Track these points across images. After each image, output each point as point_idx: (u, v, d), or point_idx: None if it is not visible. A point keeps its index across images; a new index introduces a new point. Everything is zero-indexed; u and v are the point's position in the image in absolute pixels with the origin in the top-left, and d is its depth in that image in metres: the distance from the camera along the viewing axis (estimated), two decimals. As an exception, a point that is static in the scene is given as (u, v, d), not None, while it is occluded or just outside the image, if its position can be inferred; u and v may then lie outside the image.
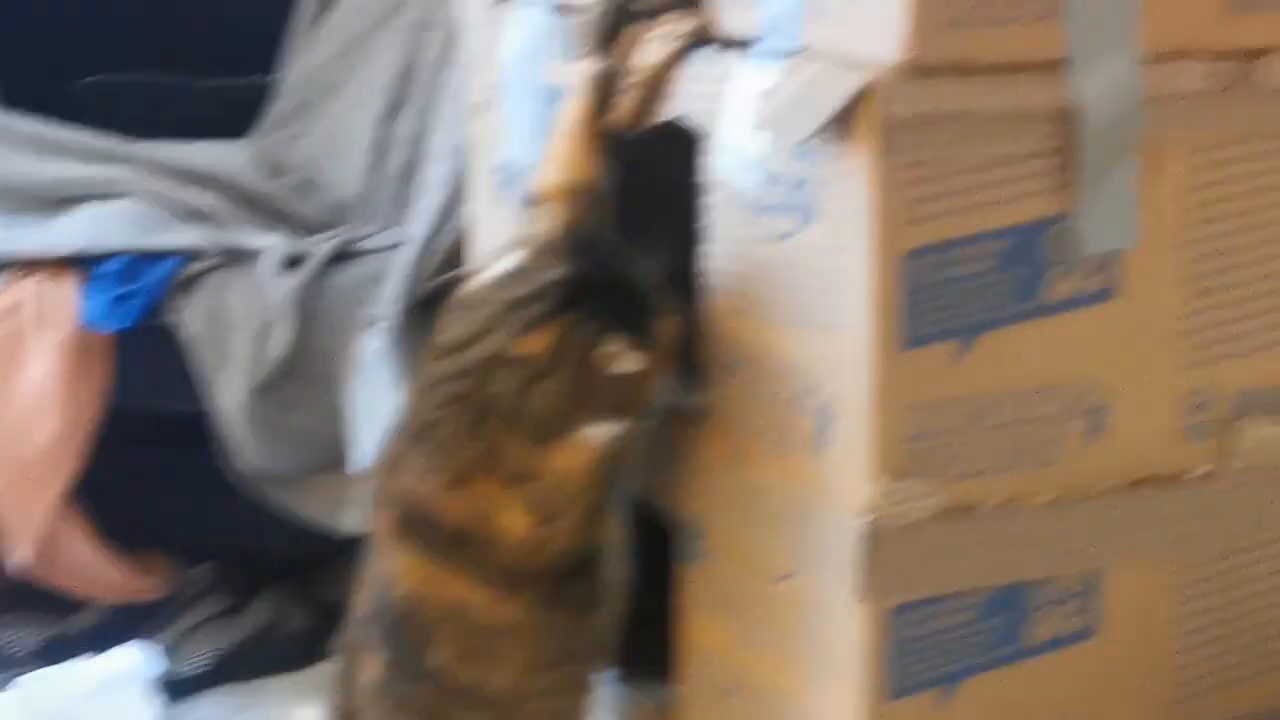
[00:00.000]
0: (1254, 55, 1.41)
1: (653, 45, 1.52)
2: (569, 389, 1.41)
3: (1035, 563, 1.43)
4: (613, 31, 1.57)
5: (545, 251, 1.46)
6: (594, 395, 1.42)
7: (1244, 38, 1.41)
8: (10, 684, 2.12)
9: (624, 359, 1.39)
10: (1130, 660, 1.49)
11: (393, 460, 1.56)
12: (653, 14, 1.55)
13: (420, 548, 1.49)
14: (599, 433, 1.44)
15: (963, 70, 1.32)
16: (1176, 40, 1.39)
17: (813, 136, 1.33)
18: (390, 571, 1.52)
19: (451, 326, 1.48)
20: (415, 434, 1.50)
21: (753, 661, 1.50)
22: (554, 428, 1.43)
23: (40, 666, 2.17)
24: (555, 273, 1.43)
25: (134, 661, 2.13)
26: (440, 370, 1.47)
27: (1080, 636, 1.47)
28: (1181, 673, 1.52)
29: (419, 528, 1.49)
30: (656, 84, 1.53)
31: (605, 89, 1.58)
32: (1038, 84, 1.34)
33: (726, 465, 1.51)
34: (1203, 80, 1.40)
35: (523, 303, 1.42)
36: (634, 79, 1.53)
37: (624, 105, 1.55)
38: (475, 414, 1.43)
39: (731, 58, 1.45)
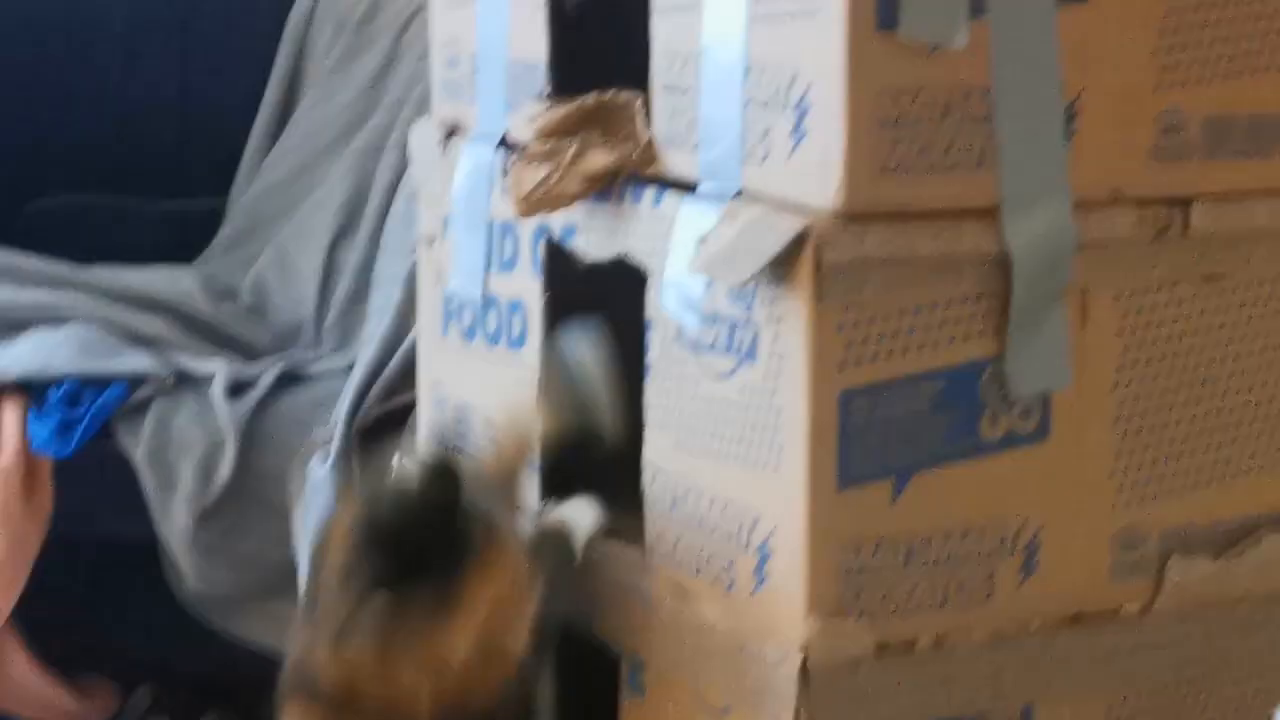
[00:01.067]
0: (1180, 202, 1.44)
1: (592, 152, 1.55)
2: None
3: (970, 700, 1.44)
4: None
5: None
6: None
7: (1170, 185, 1.44)
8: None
9: None
10: (1064, 795, 1.51)
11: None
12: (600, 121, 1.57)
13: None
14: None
15: (897, 216, 1.35)
16: (1105, 188, 1.42)
17: (750, 280, 1.36)
18: None
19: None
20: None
21: (691, 795, 1.51)
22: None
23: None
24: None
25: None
26: None
27: (1015, 772, 1.48)
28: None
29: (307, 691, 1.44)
30: (586, 179, 1.54)
31: None
32: (970, 230, 1.37)
33: (667, 599, 1.51)
34: (1132, 227, 1.43)
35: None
36: (571, 167, 1.55)
37: (542, 181, 1.55)
38: None
39: (674, 198, 1.47)
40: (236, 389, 2.30)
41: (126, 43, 2.74)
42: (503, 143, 1.66)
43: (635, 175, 1.51)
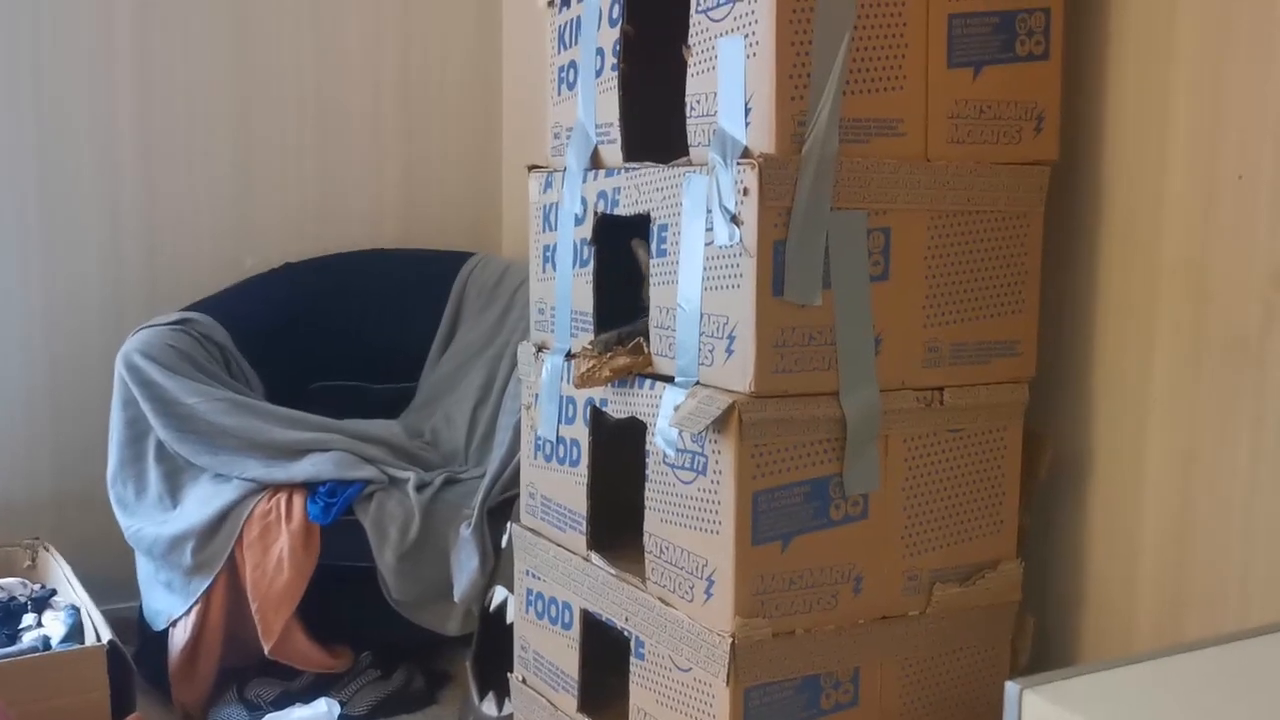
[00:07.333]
0: (938, 389, 1.44)
1: (619, 358, 1.53)
2: None
3: (823, 663, 1.41)
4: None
5: None
6: None
7: (932, 380, 1.44)
8: (258, 721, 2.07)
9: None
10: (879, 710, 1.46)
11: None
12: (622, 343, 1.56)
13: None
14: None
15: (784, 396, 1.34)
16: (897, 381, 1.41)
17: (704, 430, 1.34)
18: None
19: None
20: None
21: None
22: None
23: (275, 711, 2.10)
24: None
25: (328, 708, 2.06)
26: None
27: (850, 705, 1.44)
28: (905, 714, 1.50)
29: None
30: (612, 371, 1.52)
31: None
32: (823, 403, 1.36)
33: (657, 604, 1.48)
34: (912, 402, 1.42)
35: None
36: (605, 364, 1.53)
37: (587, 370, 1.52)
38: None
39: (662, 385, 1.47)
40: (421, 486, 2.27)
41: (364, 303, 2.72)
42: (568, 355, 1.66)
43: (640, 372, 1.50)
